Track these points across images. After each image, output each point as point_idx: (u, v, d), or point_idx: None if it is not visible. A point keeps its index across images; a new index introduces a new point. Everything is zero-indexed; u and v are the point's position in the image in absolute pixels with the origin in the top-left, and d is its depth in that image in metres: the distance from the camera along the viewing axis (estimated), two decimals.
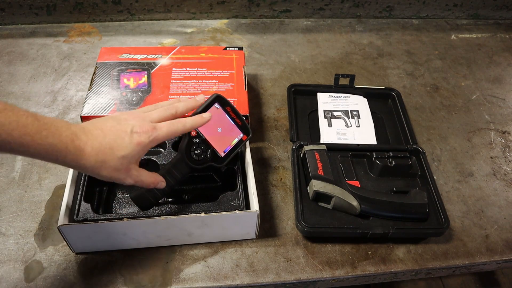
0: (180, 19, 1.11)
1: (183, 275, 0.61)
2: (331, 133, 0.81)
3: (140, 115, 0.55)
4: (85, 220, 0.59)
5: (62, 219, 0.57)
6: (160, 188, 0.59)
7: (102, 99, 0.76)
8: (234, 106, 0.66)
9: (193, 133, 0.63)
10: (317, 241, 0.66)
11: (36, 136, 0.44)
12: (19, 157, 0.75)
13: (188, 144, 0.62)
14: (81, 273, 0.60)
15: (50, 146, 0.45)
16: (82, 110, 0.74)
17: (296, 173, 0.71)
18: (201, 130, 0.63)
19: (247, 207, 0.64)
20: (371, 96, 0.88)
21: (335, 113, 0.84)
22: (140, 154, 0.53)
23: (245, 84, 0.81)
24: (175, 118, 0.57)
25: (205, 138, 0.63)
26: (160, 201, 0.64)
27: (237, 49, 0.88)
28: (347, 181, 0.70)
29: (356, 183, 0.72)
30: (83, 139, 0.48)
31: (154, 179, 0.57)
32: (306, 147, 0.73)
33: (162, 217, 0.58)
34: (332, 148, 0.76)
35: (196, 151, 0.62)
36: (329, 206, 0.67)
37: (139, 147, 0.52)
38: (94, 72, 0.81)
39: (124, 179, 0.53)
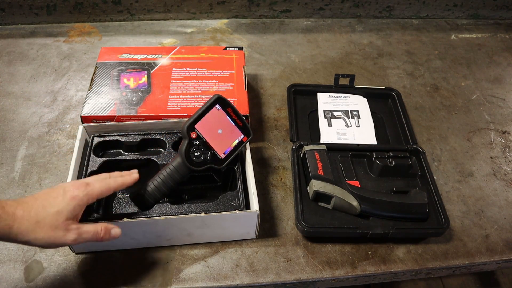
0: (180, 19, 1.11)
1: (183, 275, 0.61)
2: (331, 133, 0.81)
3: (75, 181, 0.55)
4: (85, 220, 0.59)
5: None
6: (114, 236, 0.55)
7: (102, 99, 0.76)
8: (235, 107, 0.66)
9: (193, 135, 0.62)
10: (317, 241, 0.66)
11: None
12: (19, 157, 0.75)
13: (188, 146, 0.62)
14: (81, 273, 0.60)
15: None
16: (82, 110, 0.74)
17: (296, 173, 0.71)
18: (201, 131, 0.63)
19: (247, 207, 0.64)
20: (371, 96, 0.88)
21: (335, 113, 0.84)
22: (76, 210, 0.51)
23: (245, 84, 0.81)
24: None
25: (206, 140, 0.63)
26: (160, 201, 0.64)
27: (237, 49, 0.88)
28: (347, 181, 0.70)
29: (356, 183, 0.72)
30: (13, 204, 0.48)
31: (98, 229, 0.53)
32: (306, 147, 0.73)
33: (162, 217, 0.58)
34: (332, 148, 0.76)
35: (196, 153, 0.62)
36: (329, 206, 0.67)
37: (74, 201, 0.51)
38: (94, 72, 0.81)
39: (64, 236, 0.50)
